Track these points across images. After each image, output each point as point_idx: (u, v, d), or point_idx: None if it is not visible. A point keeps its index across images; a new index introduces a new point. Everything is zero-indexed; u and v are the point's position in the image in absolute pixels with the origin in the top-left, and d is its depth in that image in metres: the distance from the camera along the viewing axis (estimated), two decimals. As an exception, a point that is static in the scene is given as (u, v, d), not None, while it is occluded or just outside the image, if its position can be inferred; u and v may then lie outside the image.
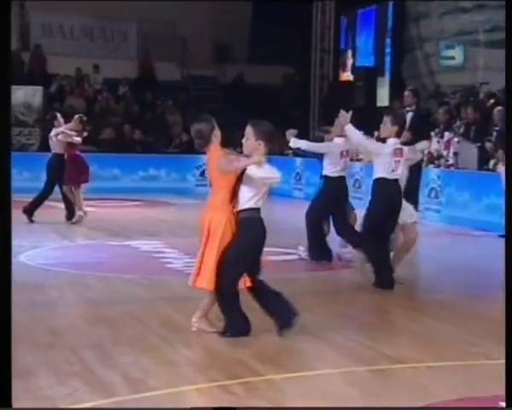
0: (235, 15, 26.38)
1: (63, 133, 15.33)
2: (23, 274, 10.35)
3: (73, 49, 26.07)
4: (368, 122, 20.04)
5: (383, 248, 9.91)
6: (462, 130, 16.29)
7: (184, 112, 24.97)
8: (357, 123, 16.94)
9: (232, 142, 10.61)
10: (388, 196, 9.81)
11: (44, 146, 21.80)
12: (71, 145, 15.33)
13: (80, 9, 25.48)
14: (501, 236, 12.37)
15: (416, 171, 15.40)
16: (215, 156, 7.35)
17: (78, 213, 15.37)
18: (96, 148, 22.61)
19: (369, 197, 10.12)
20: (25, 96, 24.07)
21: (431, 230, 14.97)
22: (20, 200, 18.84)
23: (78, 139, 15.42)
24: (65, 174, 15.28)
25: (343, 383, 6.17)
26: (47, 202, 18.64)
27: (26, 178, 20.75)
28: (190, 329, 7.55)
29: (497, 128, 15.77)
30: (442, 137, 16.00)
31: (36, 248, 12.37)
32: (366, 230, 10.08)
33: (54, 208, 17.95)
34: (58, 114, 16.13)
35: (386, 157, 9.76)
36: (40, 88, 24.36)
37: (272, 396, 5.89)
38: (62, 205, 18.27)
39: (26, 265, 10.98)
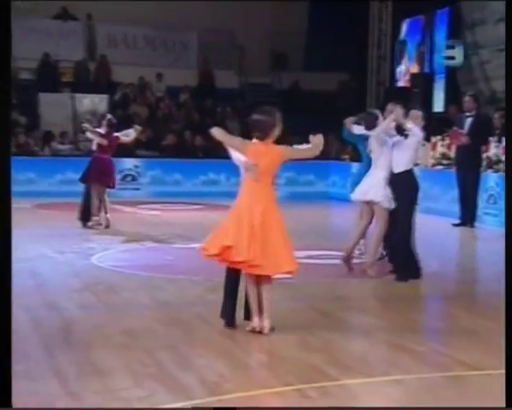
0: (291, 25, 26.24)
1: (92, 132, 15.12)
2: (96, 276, 10.41)
3: (137, 59, 26.02)
4: (424, 127, 19.90)
5: None
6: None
7: (242, 118, 24.84)
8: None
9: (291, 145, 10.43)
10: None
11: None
12: (100, 147, 14.70)
13: (143, 21, 25.52)
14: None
15: (474, 176, 15.21)
16: (280, 147, 7.39)
17: (101, 216, 14.74)
18: (159, 153, 22.61)
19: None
20: (91, 103, 24.23)
21: (490, 234, 14.69)
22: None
23: (103, 141, 14.67)
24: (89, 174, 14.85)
25: (418, 389, 5.97)
26: (112, 206, 18.79)
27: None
28: (262, 332, 7.42)
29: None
30: (500, 141, 15.64)
31: (106, 251, 12.29)
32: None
33: (119, 212, 17.99)
34: (109, 116, 15.50)
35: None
36: (105, 96, 24.46)
37: (346, 401, 5.72)
38: (127, 209, 18.40)
39: (97, 267, 11.02)
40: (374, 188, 10.28)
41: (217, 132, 7.36)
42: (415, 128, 10.02)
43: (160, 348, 6.98)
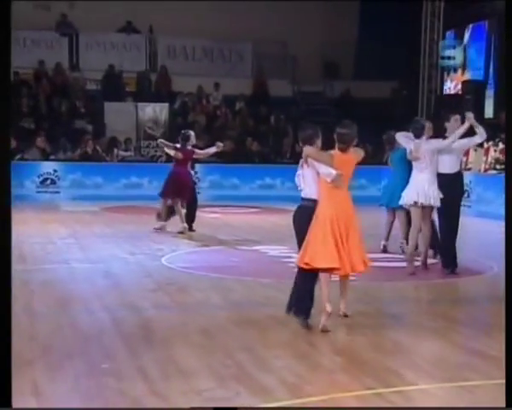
0: (342, 35, 26.00)
1: (167, 146, 14.84)
2: (167, 276, 10.30)
3: (195, 69, 26.02)
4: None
5: None
6: None
7: (296, 125, 24.71)
8: (465, 134, 16.36)
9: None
10: None
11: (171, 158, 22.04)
12: (177, 161, 14.38)
13: (201, 32, 25.47)
14: None
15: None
16: (353, 154, 7.69)
17: (181, 225, 14.29)
18: (217, 159, 22.48)
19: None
20: (153, 112, 24.26)
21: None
22: (152, 206, 19.02)
23: (178, 155, 14.25)
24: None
25: (497, 395, 5.61)
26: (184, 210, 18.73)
27: (156, 187, 20.73)
28: (335, 335, 7.24)
29: None
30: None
31: (174, 252, 12.17)
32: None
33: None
34: (192, 134, 14.91)
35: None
36: (166, 105, 24.47)
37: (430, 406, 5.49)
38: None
39: (168, 268, 10.91)
40: (434, 192, 10.21)
41: (309, 151, 7.56)
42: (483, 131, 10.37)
43: (237, 348, 6.83)
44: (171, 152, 14.46)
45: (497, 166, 16.79)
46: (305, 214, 7.60)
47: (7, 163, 4.63)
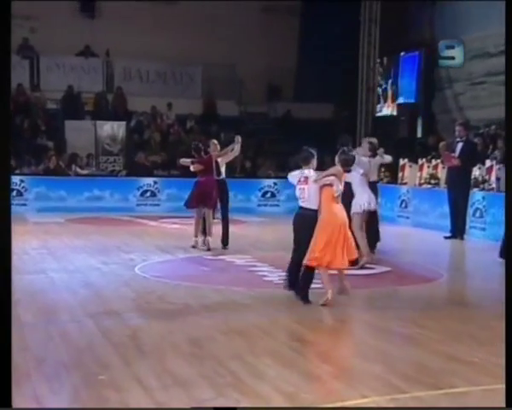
0: (283, 61, 25.76)
1: (185, 163, 13.73)
2: (144, 285, 9.84)
3: (149, 90, 25.50)
4: (410, 151, 19.61)
5: None
6: (499, 157, 15.53)
7: (243, 142, 24.49)
8: (401, 151, 16.45)
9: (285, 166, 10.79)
10: None
11: (133, 172, 21.64)
12: (200, 172, 13.10)
13: (154, 56, 25.03)
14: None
15: (464, 194, 14.82)
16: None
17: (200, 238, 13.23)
18: (175, 173, 22.11)
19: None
20: (111, 129, 23.66)
21: (479, 245, 14.29)
22: (115, 218, 18.52)
23: (198, 167, 13.07)
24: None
25: (490, 401, 5.32)
26: (138, 221, 18.20)
27: (117, 199, 20.26)
28: (317, 342, 6.92)
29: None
30: (483, 164, 15.27)
31: (145, 262, 11.67)
32: None
33: (145, 226, 17.41)
34: (215, 141, 13.88)
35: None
36: (123, 123, 23.91)
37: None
38: (151, 223, 17.79)
39: (143, 277, 10.42)
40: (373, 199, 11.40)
41: (326, 178, 8.46)
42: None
43: (227, 357, 6.43)
44: (191, 167, 13.25)
45: (432, 181, 16.73)
46: (306, 221, 8.50)
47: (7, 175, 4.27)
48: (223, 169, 13.58)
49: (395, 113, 21.96)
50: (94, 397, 5.46)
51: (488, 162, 15.18)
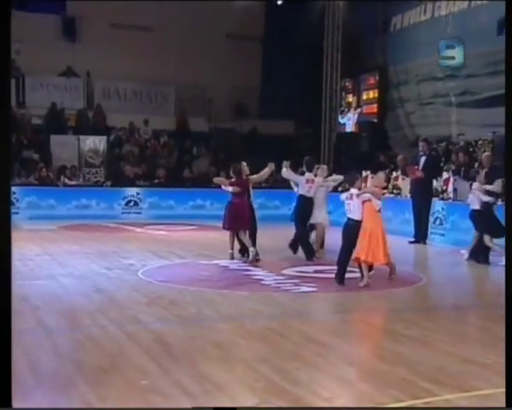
0: (248, 81, 25.62)
1: (222, 183, 12.54)
2: (152, 290, 9.39)
3: (127, 108, 24.99)
4: (370, 164, 19.48)
5: None
6: (454, 170, 15.52)
7: (214, 155, 24.32)
8: (363, 165, 16.31)
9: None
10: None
11: (117, 183, 21.13)
12: (234, 193, 12.05)
13: (131, 77, 24.58)
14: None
15: (426, 203, 14.72)
16: None
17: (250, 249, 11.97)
18: (155, 183, 21.71)
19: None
20: (92, 143, 23.07)
21: (441, 249, 14.20)
22: (103, 225, 18.00)
23: (236, 189, 12.00)
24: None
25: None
26: (124, 227, 17.69)
27: (103, 208, 19.73)
28: (334, 344, 6.61)
29: (486, 170, 14.98)
30: (440, 176, 15.22)
31: (145, 267, 11.18)
32: None
33: (132, 232, 16.95)
34: (244, 164, 12.70)
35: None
36: (104, 137, 23.35)
37: None
38: (138, 229, 17.31)
39: (148, 282, 9.95)
40: None
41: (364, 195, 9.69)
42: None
43: (255, 361, 6.05)
44: (229, 188, 12.15)
45: (394, 191, 16.64)
46: (353, 229, 9.62)
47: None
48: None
49: (356, 130, 21.87)
50: (142, 403, 5.07)
51: (445, 174, 15.13)
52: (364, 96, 22.11)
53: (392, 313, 8.16)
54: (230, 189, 12.12)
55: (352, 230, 9.61)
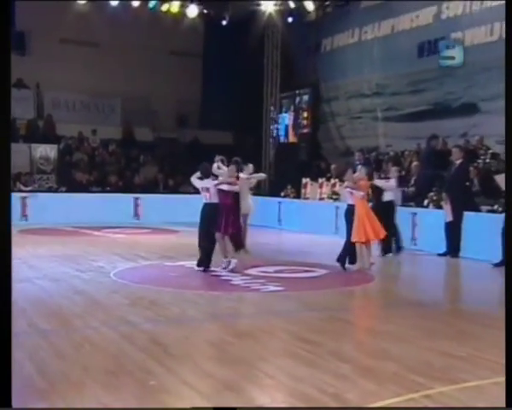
0: (190, 95, 25.40)
1: (228, 184, 10.69)
2: (130, 291, 8.98)
3: (76, 118, 24.34)
4: (310, 172, 19.54)
5: None
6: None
7: (159, 163, 23.94)
8: (302, 172, 16.22)
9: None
10: None
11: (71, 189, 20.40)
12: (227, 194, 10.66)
13: (80, 89, 23.97)
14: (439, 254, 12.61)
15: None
16: None
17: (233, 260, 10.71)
18: (102, 189, 21.08)
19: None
20: (44, 151, 22.31)
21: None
22: (60, 229, 17.31)
23: (234, 187, 10.78)
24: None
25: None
26: (83, 231, 17.07)
27: (60, 212, 18.98)
28: (321, 343, 6.40)
29: (415, 178, 15.23)
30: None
31: (115, 269, 10.73)
32: None
33: (90, 236, 16.36)
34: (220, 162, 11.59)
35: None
36: (55, 146, 22.59)
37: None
38: (95, 232, 16.71)
39: (123, 283, 9.54)
40: None
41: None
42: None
43: (254, 359, 5.82)
44: (234, 187, 10.67)
45: (333, 196, 16.68)
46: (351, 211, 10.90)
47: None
48: None
49: (296, 140, 21.88)
50: (156, 404, 4.78)
51: (377, 180, 15.23)
52: (300, 110, 22.16)
53: (361, 309, 8.11)
54: (234, 188, 10.66)
55: (348, 213, 11.02)
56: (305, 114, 21.69)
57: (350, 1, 20.78)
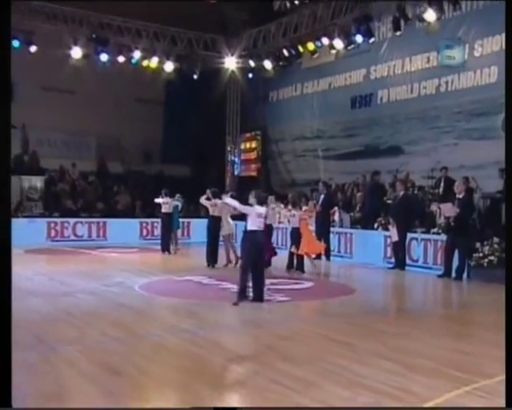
0: (154, 134, 25.20)
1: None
2: (163, 303, 8.66)
3: (57, 153, 23.60)
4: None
5: None
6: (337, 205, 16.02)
7: (131, 192, 23.48)
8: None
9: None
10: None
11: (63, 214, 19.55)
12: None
13: (60, 129, 23.42)
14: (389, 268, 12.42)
15: (327, 230, 14.80)
16: None
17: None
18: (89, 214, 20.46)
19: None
20: (33, 181, 21.43)
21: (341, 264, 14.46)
22: (62, 249, 16.57)
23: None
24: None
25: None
26: (82, 250, 16.45)
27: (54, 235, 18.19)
28: (354, 344, 6.20)
29: (359, 205, 15.65)
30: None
31: (135, 283, 10.15)
32: None
33: (88, 254, 15.76)
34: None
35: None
36: (41, 177, 21.73)
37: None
38: (93, 252, 16.12)
39: (152, 296, 9.07)
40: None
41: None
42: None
43: (314, 359, 5.53)
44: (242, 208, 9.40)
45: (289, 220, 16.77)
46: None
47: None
48: None
49: (255, 174, 21.99)
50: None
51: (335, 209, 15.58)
52: (253, 149, 22.39)
53: (369, 315, 7.99)
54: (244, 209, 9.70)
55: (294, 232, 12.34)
56: (257, 153, 21.95)
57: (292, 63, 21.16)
